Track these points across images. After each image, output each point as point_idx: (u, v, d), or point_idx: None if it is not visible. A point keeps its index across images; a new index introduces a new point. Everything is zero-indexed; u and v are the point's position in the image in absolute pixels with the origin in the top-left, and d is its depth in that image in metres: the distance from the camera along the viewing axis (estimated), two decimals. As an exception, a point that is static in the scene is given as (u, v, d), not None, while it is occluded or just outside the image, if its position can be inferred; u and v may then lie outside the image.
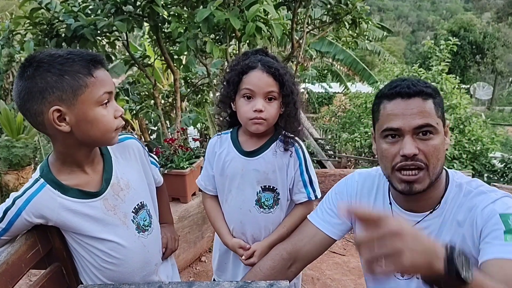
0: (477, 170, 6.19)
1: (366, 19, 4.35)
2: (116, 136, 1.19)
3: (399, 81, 1.17)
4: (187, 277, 2.92)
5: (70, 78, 1.05)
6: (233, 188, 1.52)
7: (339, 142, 9.00)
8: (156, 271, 1.38)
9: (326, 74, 16.45)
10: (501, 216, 1.07)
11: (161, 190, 1.55)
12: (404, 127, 1.11)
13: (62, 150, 1.16)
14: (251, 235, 1.53)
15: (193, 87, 5.30)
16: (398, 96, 1.13)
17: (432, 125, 1.11)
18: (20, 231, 1.17)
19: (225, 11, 3.06)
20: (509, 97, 33.42)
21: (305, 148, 1.53)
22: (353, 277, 3.03)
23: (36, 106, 1.05)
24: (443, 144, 1.15)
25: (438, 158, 1.13)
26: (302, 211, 1.52)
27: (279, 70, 1.37)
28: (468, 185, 1.20)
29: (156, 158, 1.56)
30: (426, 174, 1.12)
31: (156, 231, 1.37)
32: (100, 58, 1.13)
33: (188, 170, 2.86)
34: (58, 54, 1.07)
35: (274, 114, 1.41)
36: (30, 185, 1.16)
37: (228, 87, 1.45)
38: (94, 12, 3.37)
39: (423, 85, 1.14)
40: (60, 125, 1.07)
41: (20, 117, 6.29)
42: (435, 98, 1.14)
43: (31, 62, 1.06)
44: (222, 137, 1.57)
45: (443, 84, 6.90)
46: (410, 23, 72.19)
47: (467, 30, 25.81)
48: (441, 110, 1.15)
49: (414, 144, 1.11)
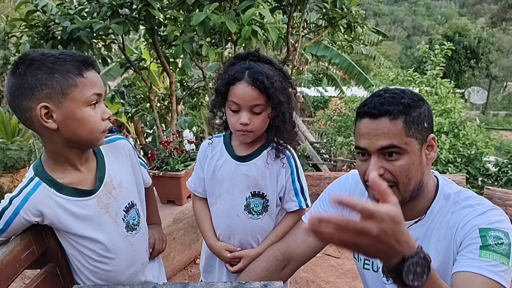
0: (471, 174, 6.22)
1: (361, 24, 4.37)
2: (102, 138, 1.21)
3: (373, 98, 1.14)
4: (181, 279, 2.92)
5: (60, 77, 1.08)
6: (222, 192, 1.51)
7: (335, 146, 9.02)
8: (143, 270, 1.40)
9: (322, 78, 16.47)
10: (480, 231, 1.07)
11: (149, 191, 1.58)
12: (369, 147, 1.12)
13: (52, 149, 1.18)
14: (238, 241, 1.52)
15: (188, 90, 5.31)
16: (366, 116, 1.13)
17: (397, 145, 1.08)
18: (16, 231, 1.17)
19: (221, 15, 3.07)
20: (503, 101, 33.64)
21: (297, 156, 1.52)
22: (347, 279, 3.03)
23: (25, 102, 1.08)
24: (417, 163, 1.11)
25: (409, 177, 1.11)
26: (293, 219, 1.52)
27: (264, 83, 1.31)
28: (456, 195, 1.19)
29: (144, 159, 1.57)
30: (396, 191, 1.12)
31: (143, 230, 1.40)
32: (92, 60, 1.15)
33: (183, 172, 2.86)
34: (51, 54, 1.10)
35: (260, 126, 1.39)
36: (25, 184, 1.17)
37: (216, 97, 1.44)
38: (90, 15, 3.37)
39: (394, 102, 1.10)
40: (47, 122, 1.09)
41: (15, 119, 6.27)
42: (408, 115, 1.09)
43: (23, 59, 1.09)
44: (214, 140, 1.56)
45: (438, 88, 6.95)
46: (405, 27, 72.51)
47: (461, 35, 26.02)
48: (417, 126, 1.10)
49: (378, 165, 1.10)
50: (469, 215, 1.12)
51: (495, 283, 0.99)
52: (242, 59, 1.41)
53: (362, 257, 1.35)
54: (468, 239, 1.08)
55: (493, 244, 1.04)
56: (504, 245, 1.04)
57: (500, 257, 1.02)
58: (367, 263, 1.33)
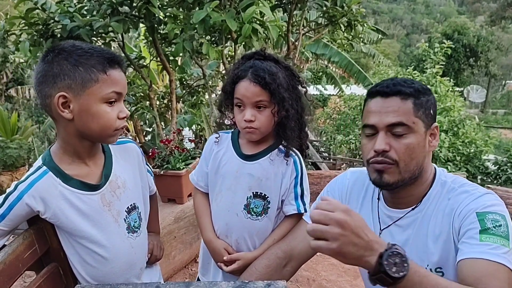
0: (471, 172, 6.25)
1: (361, 22, 4.37)
2: (115, 136, 1.22)
3: (385, 81, 1.21)
4: (182, 278, 2.92)
5: (84, 70, 1.11)
6: (224, 189, 1.50)
7: (334, 144, 9.04)
8: (140, 275, 1.39)
9: (321, 76, 16.48)
10: (478, 215, 1.09)
11: (153, 199, 1.58)
12: (378, 123, 1.16)
13: (64, 138, 1.20)
14: (235, 240, 1.50)
15: (188, 88, 5.30)
16: (378, 95, 1.18)
17: (405, 124, 1.13)
18: (17, 220, 1.17)
19: (221, 13, 3.06)
20: (502, 100, 33.71)
21: (303, 161, 1.51)
22: (348, 278, 3.04)
23: (47, 89, 1.12)
24: (422, 144, 1.16)
25: (412, 157, 1.15)
26: (291, 224, 1.51)
27: (266, 79, 1.33)
28: (452, 182, 1.22)
29: (151, 167, 1.59)
30: (396, 170, 1.15)
31: (143, 235, 1.40)
32: (119, 59, 1.18)
33: (184, 171, 2.85)
34: (81, 47, 1.14)
35: (265, 122, 1.39)
36: (32, 171, 1.18)
37: (224, 96, 1.47)
38: (90, 13, 3.36)
39: (406, 85, 1.16)
40: (63, 111, 1.12)
41: (15, 118, 6.26)
42: (417, 99, 1.15)
43: (54, 48, 1.13)
44: (222, 136, 1.56)
45: (437, 86, 6.96)
46: (405, 26, 72.56)
47: (461, 33, 26.03)
48: (425, 110, 1.16)
49: (385, 140, 1.15)
50: (465, 200, 1.15)
51: (500, 266, 1.00)
52: (248, 59, 1.43)
53: None
54: (466, 224, 1.10)
55: (492, 227, 1.06)
56: (503, 227, 1.06)
57: (500, 239, 1.04)
58: None
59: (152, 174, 1.55)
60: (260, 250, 1.47)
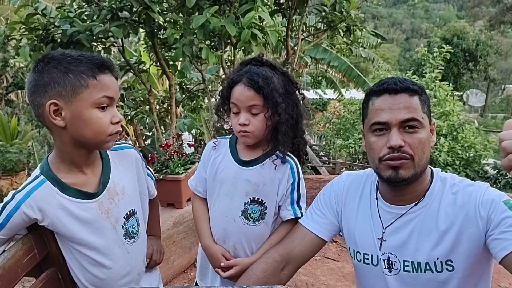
0: (470, 176, 6.23)
1: (360, 27, 4.40)
2: (110, 142, 1.21)
3: (387, 79, 1.24)
4: (181, 282, 2.92)
5: (73, 76, 1.10)
6: (222, 194, 1.51)
7: (334, 148, 9.02)
8: (139, 280, 1.39)
9: (321, 80, 16.49)
10: (505, 203, 1.12)
11: (154, 202, 1.58)
12: (391, 120, 1.17)
13: (60, 147, 1.19)
14: (233, 245, 1.51)
15: (188, 93, 5.31)
16: (386, 92, 1.20)
17: (417, 119, 1.17)
18: (16, 228, 1.17)
19: (220, 18, 3.08)
20: (501, 104, 33.71)
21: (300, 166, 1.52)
22: (347, 282, 3.03)
23: (39, 98, 1.11)
24: (429, 139, 1.21)
25: (424, 151, 1.18)
26: (288, 228, 1.51)
27: (259, 83, 1.35)
28: (451, 179, 1.27)
29: (152, 171, 1.58)
30: (412, 164, 1.18)
31: (142, 240, 1.39)
32: (109, 64, 1.17)
33: (183, 175, 2.86)
34: (70, 54, 1.14)
35: (259, 126, 1.40)
36: (30, 181, 1.18)
37: (221, 100, 1.49)
38: (90, 18, 3.38)
39: (410, 82, 1.20)
40: (55, 119, 1.12)
41: (15, 122, 6.27)
42: (421, 95, 1.20)
43: (44, 58, 1.13)
44: (220, 141, 1.57)
45: (436, 91, 6.97)
46: (404, 30, 72.73)
47: (460, 38, 26.04)
48: (427, 107, 1.22)
49: (400, 136, 1.17)
50: (477, 191, 1.18)
51: None
52: (246, 65, 1.45)
53: (361, 252, 1.35)
54: (497, 213, 1.12)
55: None
56: None
57: None
58: (367, 258, 1.33)
59: (153, 178, 1.55)
60: (258, 255, 1.47)
